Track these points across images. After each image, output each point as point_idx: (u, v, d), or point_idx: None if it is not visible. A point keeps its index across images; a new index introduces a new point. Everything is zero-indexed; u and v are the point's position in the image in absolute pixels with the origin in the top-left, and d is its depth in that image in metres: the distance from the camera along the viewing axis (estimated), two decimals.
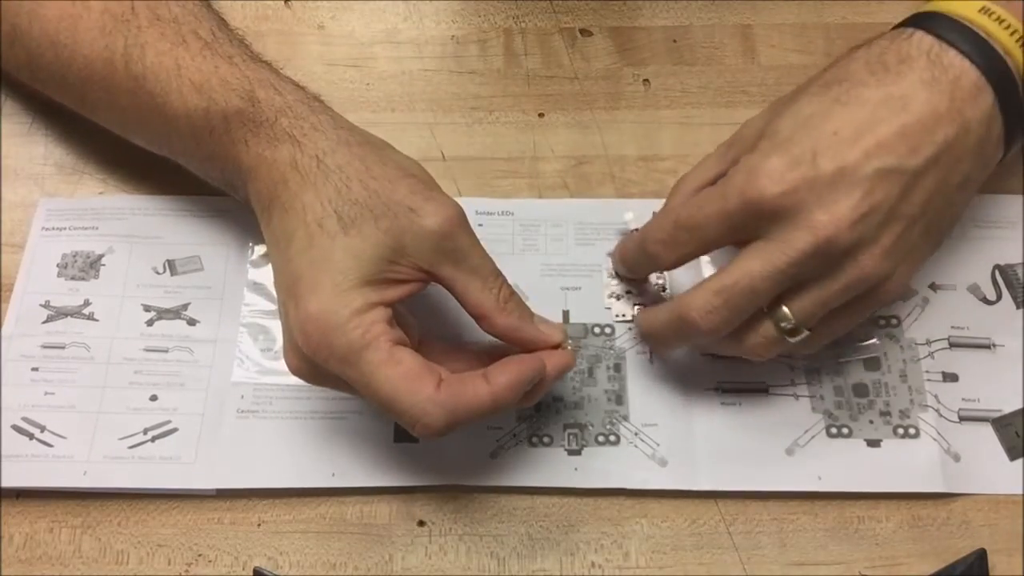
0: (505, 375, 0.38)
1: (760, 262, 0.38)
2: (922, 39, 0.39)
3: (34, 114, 0.53)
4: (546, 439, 0.45)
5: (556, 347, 0.41)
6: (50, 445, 0.45)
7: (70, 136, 0.52)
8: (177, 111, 0.42)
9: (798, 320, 0.39)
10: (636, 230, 0.47)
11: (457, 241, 0.39)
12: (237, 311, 0.48)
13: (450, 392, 0.37)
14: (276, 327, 0.47)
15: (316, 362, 0.38)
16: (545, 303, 0.48)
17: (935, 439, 0.45)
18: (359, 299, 0.37)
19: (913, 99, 0.38)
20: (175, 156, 0.45)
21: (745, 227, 0.39)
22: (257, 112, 0.40)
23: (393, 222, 0.38)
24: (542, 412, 0.46)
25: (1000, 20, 0.38)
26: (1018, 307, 0.48)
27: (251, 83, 0.41)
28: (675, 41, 0.56)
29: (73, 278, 0.48)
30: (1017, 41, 0.38)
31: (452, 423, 0.37)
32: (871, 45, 0.41)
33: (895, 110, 0.38)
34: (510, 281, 0.41)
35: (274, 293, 0.48)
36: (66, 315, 0.48)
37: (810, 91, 0.40)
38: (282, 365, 0.46)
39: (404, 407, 0.36)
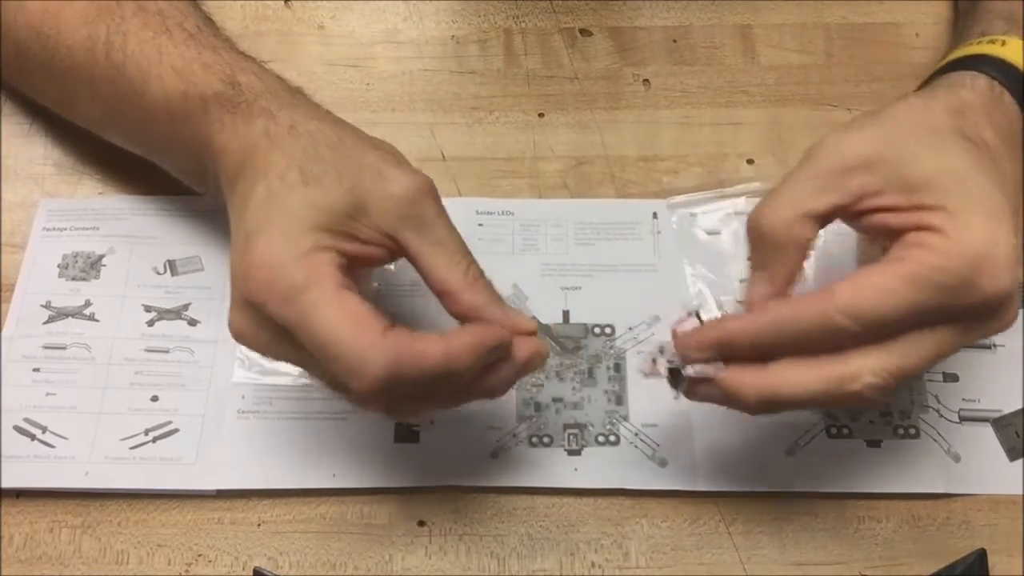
0: (464, 335, 0.35)
1: (943, 348, 0.35)
2: (1015, 106, 0.39)
3: (34, 114, 0.53)
4: (546, 439, 0.45)
5: (530, 334, 0.38)
6: (52, 446, 0.45)
7: (70, 136, 0.52)
8: (155, 97, 0.41)
9: None
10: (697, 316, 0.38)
11: (423, 209, 0.37)
12: None
13: (398, 342, 0.34)
14: None
15: (257, 308, 0.35)
16: (545, 303, 0.48)
17: (935, 439, 0.45)
18: (309, 241, 0.35)
19: (1017, 177, 0.38)
20: (150, 151, 0.45)
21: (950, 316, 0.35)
22: (236, 95, 0.40)
23: (358, 181, 0.37)
24: (542, 412, 0.46)
25: None
26: (1018, 307, 0.48)
27: (233, 69, 0.41)
28: (675, 41, 0.56)
29: (74, 278, 0.49)
30: None
31: (395, 376, 0.33)
32: (976, 88, 0.39)
33: (1021, 185, 0.37)
34: (510, 281, 0.41)
35: None
36: (67, 316, 0.48)
37: (957, 142, 0.36)
38: (284, 366, 0.46)
39: (343, 350, 0.33)
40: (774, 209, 0.36)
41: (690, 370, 0.37)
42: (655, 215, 0.50)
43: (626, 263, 0.49)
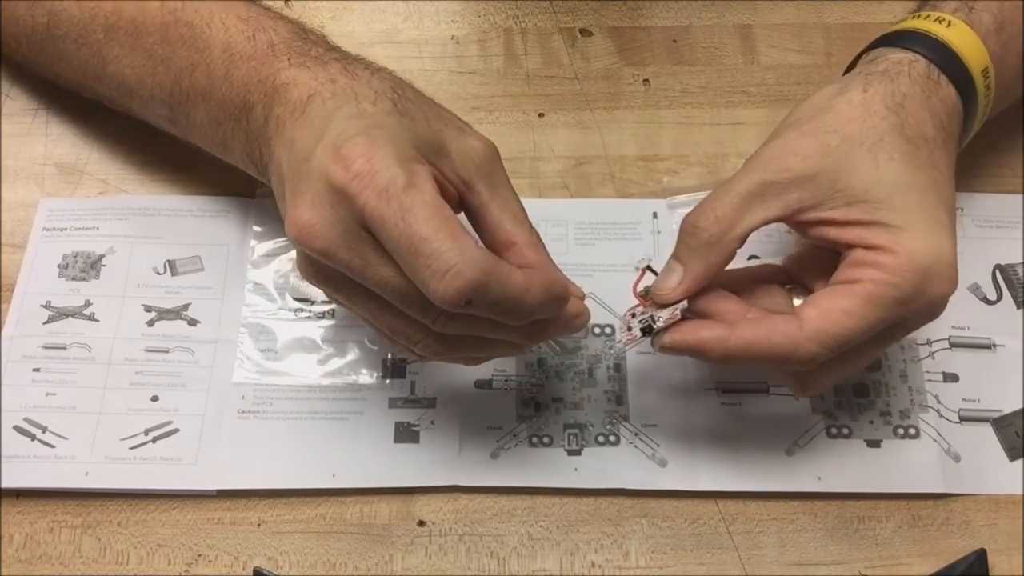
0: (541, 275, 0.37)
1: (886, 346, 0.39)
2: (951, 92, 0.40)
3: (34, 114, 0.53)
4: (546, 439, 0.45)
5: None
6: (52, 446, 0.45)
7: (70, 136, 0.52)
8: (214, 38, 0.42)
9: None
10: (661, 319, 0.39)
11: (496, 167, 0.39)
12: (237, 311, 0.48)
13: (490, 256, 0.34)
14: (276, 327, 0.47)
15: (346, 197, 0.34)
16: None
17: (935, 439, 0.45)
18: (411, 152, 0.35)
19: (953, 160, 0.39)
20: (189, 98, 0.44)
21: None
22: (306, 45, 0.41)
23: (443, 129, 0.38)
24: (542, 412, 0.46)
25: (987, 87, 0.41)
26: (1018, 307, 0.48)
27: (302, 26, 0.43)
28: (675, 41, 0.56)
29: (74, 278, 0.49)
30: (985, 105, 0.42)
31: (482, 287, 0.34)
32: (913, 76, 0.40)
33: (952, 174, 0.39)
34: None
35: (273, 293, 0.48)
36: (67, 315, 0.48)
37: (895, 146, 0.37)
38: (284, 366, 0.46)
39: (440, 247, 0.33)
40: (713, 213, 0.38)
41: (660, 322, 0.39)
42: (655, 215, 0.50)
43: (626, 263, 0.49)
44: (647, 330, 0.39)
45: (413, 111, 0.38)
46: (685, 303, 0.39)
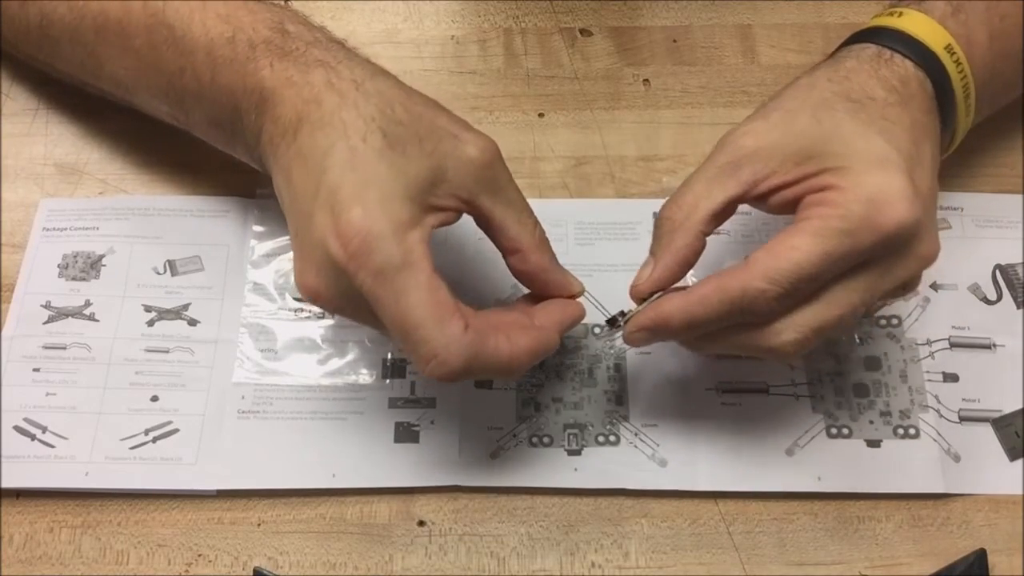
0: (524, 340, 0.37)
1: (863, 295, 0.37)
2: (907, 64, 0.41)
3: (34, 114, 0.53)
4: (546, 439, 0.45)
5: (571, 298, 0.42)
6: (52, 446, 0.45)
7: (70, 136, 0.52)
8: (196, 42, 0.41)
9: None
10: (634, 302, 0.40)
11: (496, 171, 0.39)
12: (238, 311, 0.48)
13: (475, 340, 0.36)
14: (276, 327, 0.47)
15: (346, 274, 0.35)
16: None
17: (935, 439, 0.45)
18: (405, 213, 0.35)
19: (926, 125, 0.40)
20: (182, 102, 0.44)
21: (863, 260, 0.37)
22: (286, 42, 0.40)
23: (436, 146, 0.37)
24: (542, 412, 0.46)
25: (958, 63, 0.41)
26: (1018, 307, 0.48)
27: (281, 18, 0.41)
28: (675, 41, 0.56)
29: (74, 278, 0.49)
30: (962, 83, 0.42)
31: (468, 370, 0.36)
32: (861, 57, 0.41)
33: (924, 135, 0.39)
34: (510, 281, 0.41)
35: (273, 293, 0.48)
36: (67, 316, 0.48)
37: (838, 106, 0.38)
38: (284, 366, 0.46)
39: (428, 336, 0.35)
40: (675, 202, 0.39)
41: (628, 310, 0.40)
42: (655, 215, 0.50)
43: (626, 263, 0.49)
44: (612, 321, 0.41)
45: (405, 136, 0.37)
46: (660, 295, 0.40)
